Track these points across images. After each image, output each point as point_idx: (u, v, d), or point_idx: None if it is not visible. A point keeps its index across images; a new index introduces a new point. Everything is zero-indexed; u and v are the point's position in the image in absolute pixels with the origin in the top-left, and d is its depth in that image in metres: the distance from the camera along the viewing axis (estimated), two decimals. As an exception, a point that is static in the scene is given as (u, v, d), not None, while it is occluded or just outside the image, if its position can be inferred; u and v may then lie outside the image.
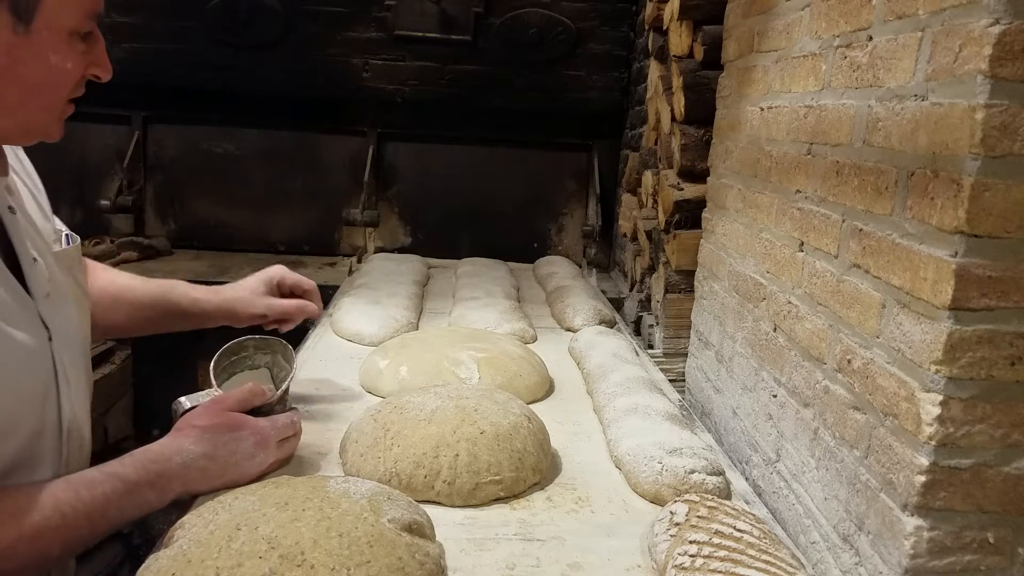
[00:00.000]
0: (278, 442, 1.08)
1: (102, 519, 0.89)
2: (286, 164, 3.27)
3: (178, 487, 0.97)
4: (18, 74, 0.84)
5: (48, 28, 0.83)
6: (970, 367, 0.80)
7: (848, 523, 1.00)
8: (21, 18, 0.81)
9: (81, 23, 0.87)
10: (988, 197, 0.77)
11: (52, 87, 0.88)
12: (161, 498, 0.95)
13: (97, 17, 0.90)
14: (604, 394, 1.43)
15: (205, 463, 0.98)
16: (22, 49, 0.83)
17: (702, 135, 1.88)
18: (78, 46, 0.88)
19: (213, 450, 0.99)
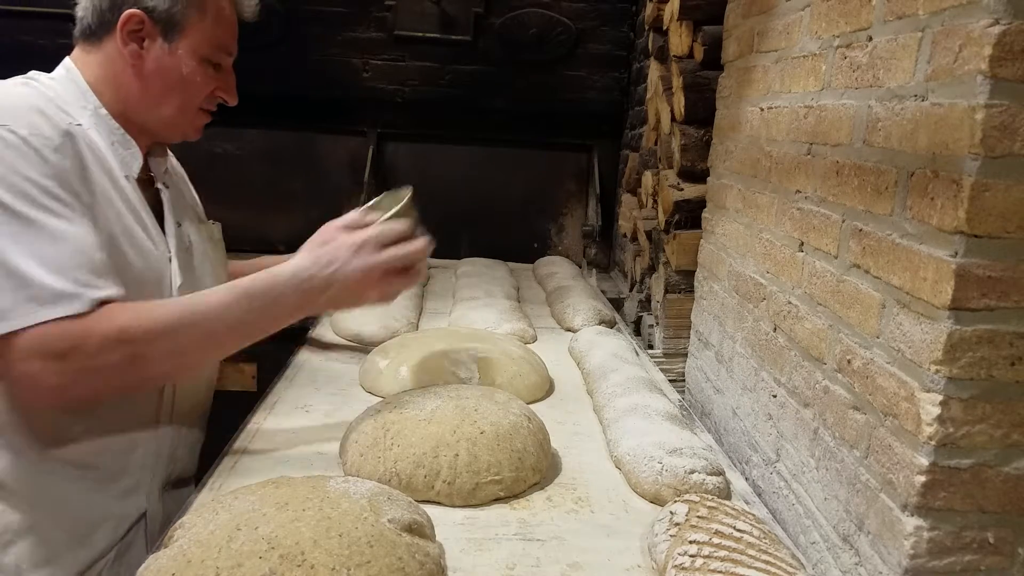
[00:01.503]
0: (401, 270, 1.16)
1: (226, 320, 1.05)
2: (286, 164, 3.27)
3: (293, 297, 1.09)
4: (161, 77, 1.14)
5: (185, 50, 1.14)
6: (970, 367, 0.80)
7: (848, 523, 1.00)
8: (167, 39, 1.13)
9: (211, 54, 1.17)
10: (988, 197, 0.77)
11: (183, 92, 1.17)
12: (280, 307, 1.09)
13: (228, 55, 1.21)
14: (604, 394, 1.43)
15: (311, 271, 1.10)
16: (166, 60, 1.14)
17: (702, 135, 1.88)
18: (208, 70, 1.18)
19: (315, 260, 1.11)
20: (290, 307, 1.10)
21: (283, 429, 1.30)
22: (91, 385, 0.98)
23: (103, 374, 0.98)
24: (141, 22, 1.11)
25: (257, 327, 1.09)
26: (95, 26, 1.14)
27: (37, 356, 0.93)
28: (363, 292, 1.14)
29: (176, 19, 1.12)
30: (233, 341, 1.09)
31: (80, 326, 0.95)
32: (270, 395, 1.46)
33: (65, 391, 0.98)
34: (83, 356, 0.95)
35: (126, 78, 1.13)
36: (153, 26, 1.12)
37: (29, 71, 1.16)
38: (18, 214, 0.95)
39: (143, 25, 1.11)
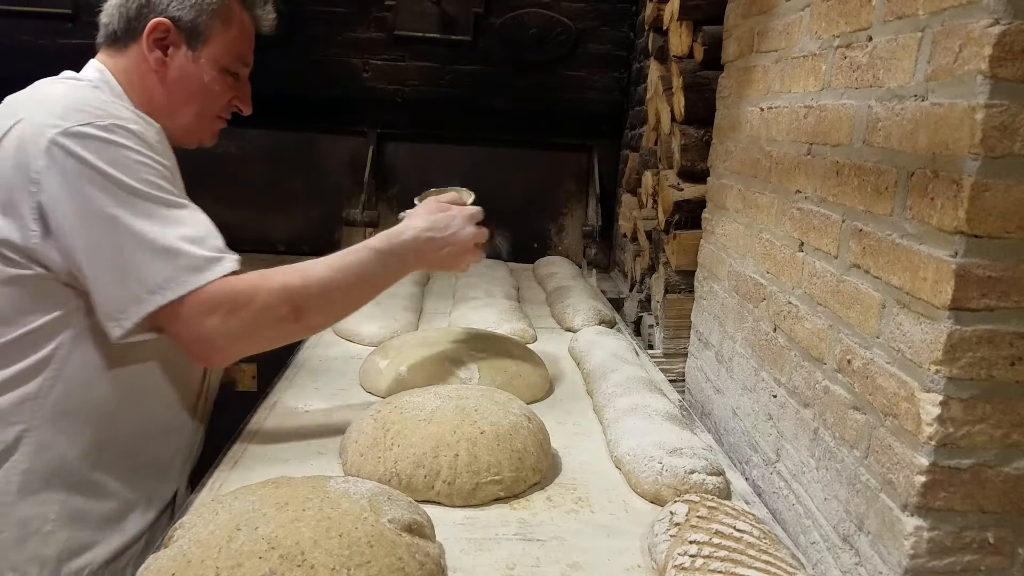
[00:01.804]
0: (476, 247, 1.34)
1: (362, 276, 1.19)
2: (286, 164, 3.27)
3: (412, 253, 1.25)
4: (184, 84, 1.20)
5: (207, 59, 1.20)
6: (970, 367, 0.80)
7: (848, 523, 1.00)
8: (192, 47, 1.19)
9: (230, 64, 1.24)
10: (988, 197, 0.77)
11: (203, 99, 1.23)
12: (402, 264, 1.25)
13: (246, 66, 1.28)
14: (604, 394, 1.43)
15: (430, 233, 1.27)
16: (189, 68, 1.20)
17: (702, 135, 1.88)
18: (227, 79, 1.24)
19: (433, 224, 1.28)
20: (410, 263, 1.26)
21: (283, 429, 1.30)
22: (259, 337, 1.11)
23: (270, 326, 1.10)
24: (167, 30, 1.16)
25: (384, 281, 1.24)
26: (121, 32, 1.18)
27: (213, 313, 1.04)
28: (464, 257, 1.33)
29: (200, 29, 1.18)
30: (367, 294, 1.23)
31: (245, 283, 1.07)
32: (270, 395, 1.46)
33: (238, 344, 1.10)
34: (255, 309, 1.07)
35: (150, 83, 1.19)
36: (178, 34, 1.17)
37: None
38: (147, 194, 1.04)
39: (168, 33, 1.17)
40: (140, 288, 1.02)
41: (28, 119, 1.04)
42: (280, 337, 1.15)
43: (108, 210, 1.02)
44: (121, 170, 1.03)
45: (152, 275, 1.02)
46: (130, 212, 1.03)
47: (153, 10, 1.16)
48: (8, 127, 1.05)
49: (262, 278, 1.10)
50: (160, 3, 1.16)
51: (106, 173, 1.02)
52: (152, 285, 1.02)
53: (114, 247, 1.02)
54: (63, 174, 1.01)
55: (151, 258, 1.02)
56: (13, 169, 1.03)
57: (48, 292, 1.06)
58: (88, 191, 1.02)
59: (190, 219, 1.08)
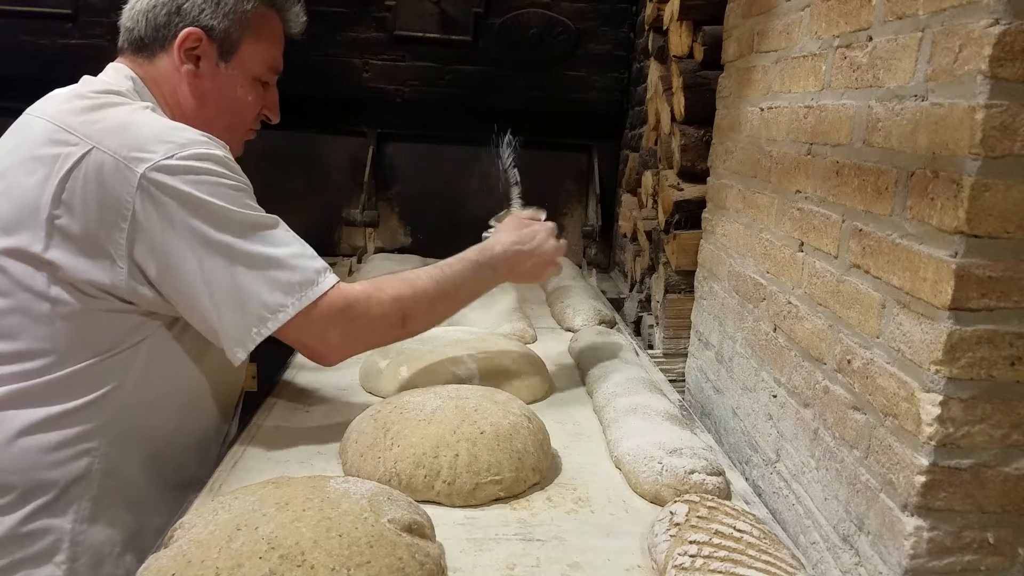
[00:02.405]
0: None
1: (461, 286, 1.28)
2: (286, 164, 3.27)
3: (503, 265, 1.34)
4: (217, 96, 1.19)
5: (239, 69, 1.19)
6: (970, 367, 0.80)
7: (848, 523, 1.00)
8: (223, 58, 1.17)
9: (262, 73, 1.24)
10: (988, 197, 0.77)
11: (236, 111, 1.23)
12: (494, 275, 1.34)
13: (276, 73, 1.27)
14: (604, 394, 1.43)
15: (518, 247, 1.36)
16: (221, 79, 1.18)
17: (702, 135, 1.88)
18: (258, 89, 1.24)
19: (520, 238, 1.38)
20: (501, 274, 1.35)
21: (283, 429, 1.30)
22: (373, 341, 1.20)
23: (383, 332, 1.18)
24: (199, 40, 1.13)
25: (477, 291, 1.33)
26: (148, 39, 1.15)
27: (336, 322, 1.10)
28: (547, 268, 1.41)
29: (233, 39, 1.16)
30: (464, 302, 1.31)
31: (361, 292, 1.14)
32: (270, 395, 1.46)
33: (356, 347, 1.18)
34: (372, 317, 1.14)
35: (182, 95, 1.16)
36: (210, 45, 1.15)
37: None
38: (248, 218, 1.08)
39: (200, 43, 1.14)
40: (263, 309, 1.05)
41: (105, 150, 1.01)
42: (388, 340, 1.26)
43: (216, 238, 1.03)
44: (220, 198, 1.04)
45: (272, 295, 1.06)
46: (238, 238, 1.05)
47: (184, 19, 1.13)
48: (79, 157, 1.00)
49: (376, 289, 1.16)
50: (191, 12, 1.13)
51: (206, 203, 1.03)
52: (274, 305, 1.06)
53: (230, 274, 1.04)
54: (162, 209, 1.00)
55: (268, 279, 1.06)
56: (97, 205, 1.00)
57: (124, 323, 1.06)
58: (193, 224, 1.02)
59: (286, 235, 1.12)
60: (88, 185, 0.99)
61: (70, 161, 1.00)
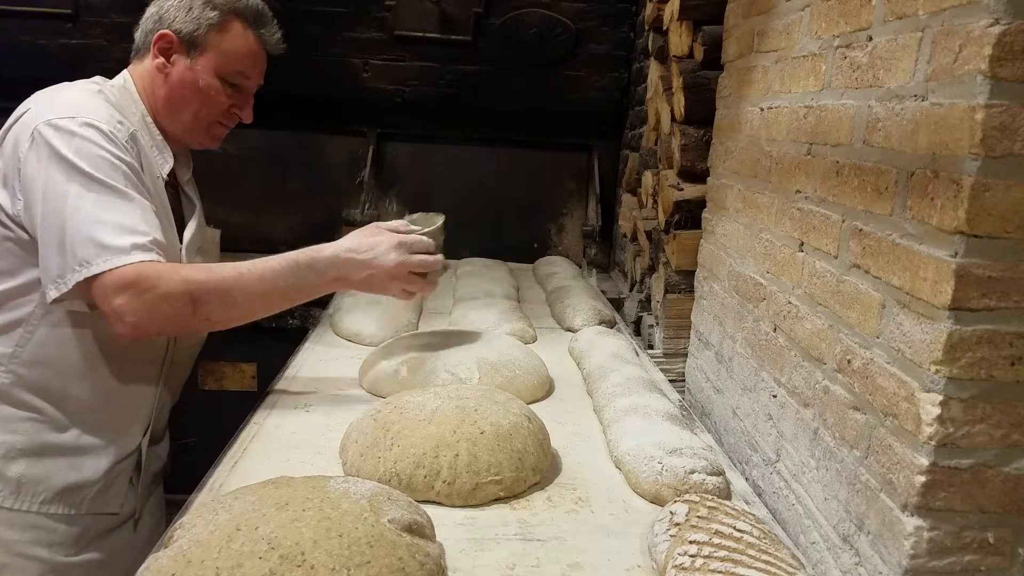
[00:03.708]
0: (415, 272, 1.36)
1: (270, 282, 1.26)
2: (286, 164, 3.27)
3: (331, 270, 1.31)
4: (182, 88, 1.36)
5: (203, 66, 1.36)
6: (970, 367, 0.80)
7: (848, 523, 1.00)
8: (190, 55, 1.36)
9: (229, 74, 1.38)
10: (988, 197, 0.77)
11: (199, 102, 1.37)
12: (320, 278, 1.31)
13: (244, 77, 1.41)
14: (604, 394, 1.43)
15: (351, 255, 1.33)
16: (187, 73, 1.36)
17: (702, 135, 1.88)
18: (224, 87, 1.39)
19: (358, 243, 1.34)
20: (328, 279, 1.32)
21: (283, 429, 1.30)
22: (162, 320, 1.20)
23: (170, 312, 1.19)
24: (170, 41, 1.35)
25: (298, 293, 1.31)
26: (140, 45, 1.39)
27: (123, 292, 1.16)
28: (389, 283, 1.35)
29: (198, 40, 1.35)
30: (277, 301, 1.30)
31: (153, 270, 1.18)
32: (270, 395, 1.46)
33: (144, 323, 1.19)
34: (157, 294, 1.17)
35: (156, 86, 1.37)
36: (180, 44, 1.35)
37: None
38: (100, 181, 1.18)
39: (172, 44, 1.35)
40: (73, 260, 1.16)
41: (34, 110, 1.23)
42: (181, 324, 1.24)
43: (62, 187, 1.17)
44: (82, 157, 1.18)
45: (84, 250, 1.16)
46: (79, 191, 1.17)
47: (162, 24, 1.36)
48: (20, 114, 1.24)
49: (171, 269, 1.20)
50: (167, 19, 1.35)
51: (66, 159, 1.18)
52: (82, 259, 1.16)
53: (60, 220, 1.17)
54: (37, 155, 1.19)
55: (87, 235, 1.16)
56: (12, 147, 1.22)
57: (32, 254, 1.21)
58: (50, 170, 1.18)
59: (129, 210, 1.20)
60: (13, 133, 1.23)
61: (15, 117, 1.24)
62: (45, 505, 1.26)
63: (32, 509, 1.25)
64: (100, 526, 1.32)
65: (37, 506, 1.25)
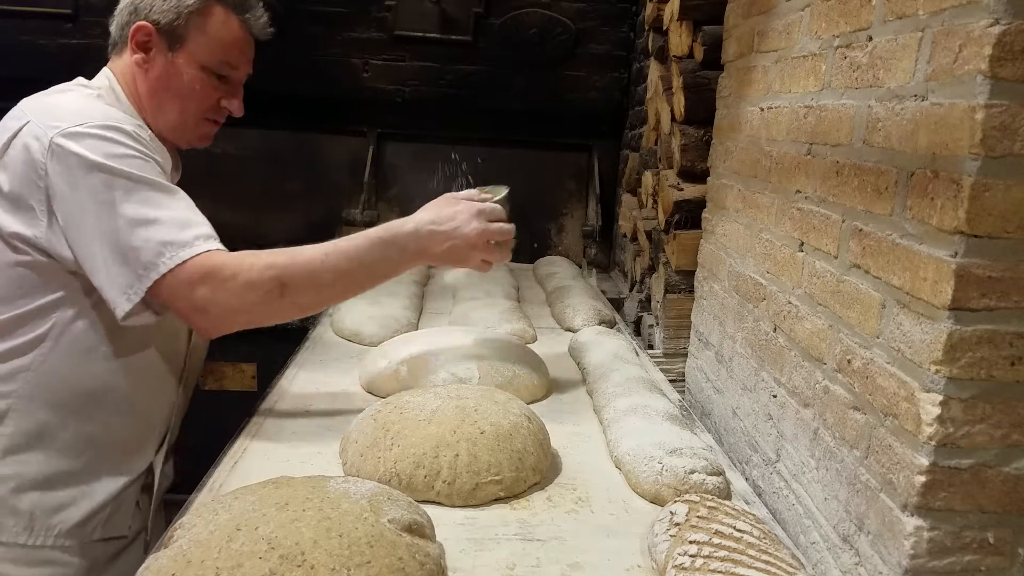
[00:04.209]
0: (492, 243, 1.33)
1: (356, 260, 1.22)
2: (286, 164, 3.27)
3: (413, 244, 1.26)
4: (165, 83, 1.28)
5: (186, 58, 1.27)
6: (970, 367, 0.80)
7: (848, 523, 1.00)
8: (171, 48, 1.26)
9: (214, 65, 1.29)
10: (988, 197, 0.77)
11: (184, 98, 1.29)
12: (402, 254, 1.26)
13: (231, 67, 1.31)
14: (604, 394, 1.43)
15: (432, 226, 1.27)
16: (169, 67, 1.27)
17: (702, 135, 1.88)
18: (210, 80, 1.30)
19: (437, 216, 1.29)
20: (411, 254, 1.27)
21: (283, 429, 1.30)
22: (249, 310, 1.16)
23: (258, 300, 1.14)
24: (149, 33, 1.25)
25: (382, 270, 1.27)
26: (117, 40, 1.29)
27: (202, 284, 1.11)
28: (471, 253, 1.31)
29: (178, 32, 1.26)
30: (363, 280, 1.25)
31: (232, 257, 1.14)
32: (270, 395, 1.46)
33: (230, 315, 1.15)
34: (241, 281, 1.12)
35: (139, 82, 1.28)
36: (159, 37, 1.25)
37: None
38: (141, 180, 1.13)
39: (150, 36, 1.25)
40: (138, 265, 1.10)
41: (35, 122, 1.14)
42: (270, 312, 1.19)
43: (103, 195, 1.11)
44: (115, 160, 1.12)
45: (147, 252, 1.10)
46: (123, 195, 1.11)
47: (138, 15, 1.26)
48: (18, 128, 1.14)
49: (251, 255, 1.16)
50: (143, 9, 1.26)
51: (101, 164, 1.11)
52: (147, 262, 1.10)
53: (112, 228, 1.11)
54: (66, 169, 1.11)
55: (144, 237, 1.11)
56: (23, 166, 1.12)
57: (51, 276, 1.15)
58: (87, 181, 1.11)
59: (178, 204, 1.16)
60: (18, 150, 1.13)
61: (12, 131, 1.15)
62: (60, 538, 1.18)
63: (47, 544, 1.17)
64: (110, 550, 1.25)
65: (52, 540, 1.17)
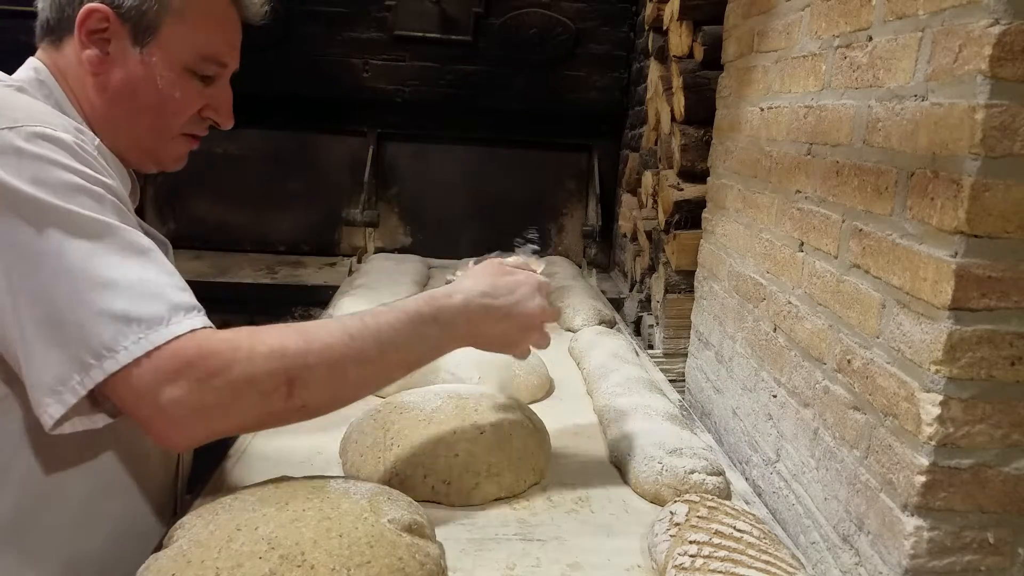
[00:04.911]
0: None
1: (390, 345, 0.89)
2: (286, 164, 3.27)
3: (462, 323, 0.97)
4: (131, 90, 0.90)
5: (160, 56, 0.90)
6: (970, 367, 0.80)
7: (848, 523, 1.00)
8: (138, 42, 0.89)
9: (194, 63, 0.93)
10: (988, 197, 0.77)
11: (159, 111, 0.92)
12: (446, 334, 0.96)
13: (219, 65, 0.95)
14: (604, 394, 1.43)
15: (487, 300, 0.98)
16: (136, 68, 0.90)
17: (702, 135, 1.88)
18: (193, 83, 0.93)
19: (493, 288, 1.00)
20: (458, 335, 0.98)
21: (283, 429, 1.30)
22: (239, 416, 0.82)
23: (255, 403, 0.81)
24: (105, 19, 0.87)
25: (420, 355, 0.95)
26: (54, 22, 0.91)
27: (178, 379, 0.76)
28: (527, 334, 1.04)
29: (149, 19, 0.88)
30: (395, 370, 0.94)
31: (224, 342, 0.79)
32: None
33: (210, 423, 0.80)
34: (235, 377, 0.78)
35: (89, 88, 0.90)
36: (121, 26, 0.88)
37: None
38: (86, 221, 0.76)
39: (108, 24, 0.88)
40: (82, 350, 0.75)
41: None
42: (268, 419, 0.85)
43: (32, 246, 0.75)
44: (48, 191, 0.76)
45: (98, 332, 0.75)
46: (60, 245, 0.75)
47: None
48: None
49: (250, 336, 0.81)
50: None
51: (27, 197, 0.75)
52: (97, 346, 0.75)
53: (44, 296, 0.75)
54: None
55: (94, 308, 0.75)
56: None
57: None
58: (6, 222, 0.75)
59: (146, 259, 0.80)
60: None
61: None
62: None
63: None
64: None
65: None
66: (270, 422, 0.87)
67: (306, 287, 2.84)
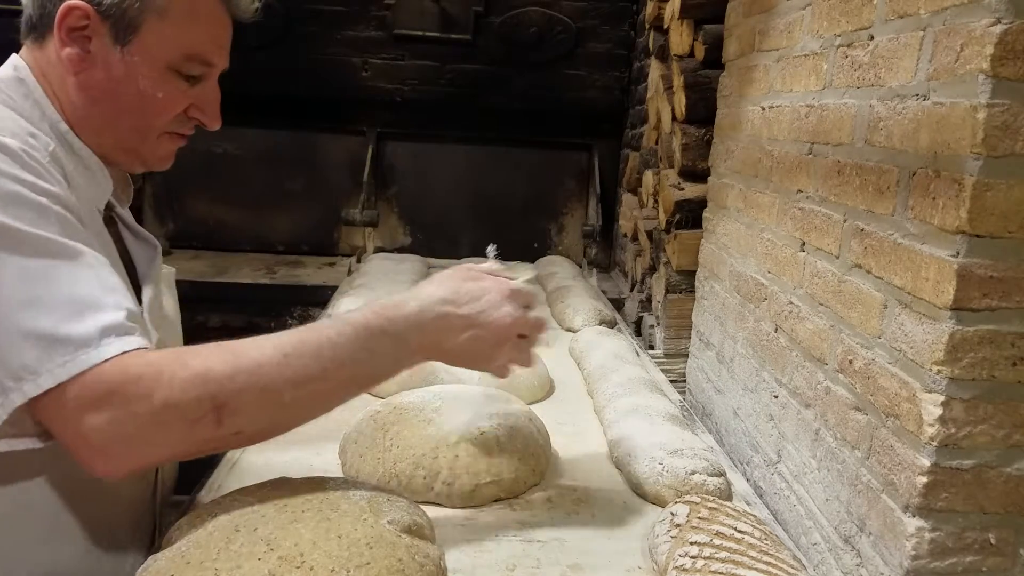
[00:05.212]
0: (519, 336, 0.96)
1: (332, 362, 0.83)
2: (286, 164, 3.27)
3: (415, 334, 0.88)
4: (112, 90, 0.88)
5: (142, 55, 0.87)
6: (972, 367, 0.80)
7: (849, 524, 0.99)
8: (119, 41, 0.86)
9: (177, 62, 0.89)
10: (990, 197, 0.77)
11: (141, 111, 0.90)
12: (400, 346, 0.87)
13: (205, 64, 0.92)
14: (605, 395, 1.42)
15: (447, 308, 0.89)
16: (117, 67, 0.87)
17: (703, 135, 1.88)
18: (176, 82, 0.90)
19: (454, 291, 0.90)
20: (412, 348, 0.89)
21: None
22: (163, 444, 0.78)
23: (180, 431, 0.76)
24: (86, 17, 0.85)
25: (370, 372, 0.88)
26: (36, 19, 0.89)
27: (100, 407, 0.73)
28: (498, 348, 0.94)
29: (131, 16, 0.86)
30: (341, 390, 0.87)
31: (148, 366, 0.75)
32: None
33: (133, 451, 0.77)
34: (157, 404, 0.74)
35: (70, 87, 0.88)
36: (101, 23, 0.86)
37: None
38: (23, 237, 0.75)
39: (88, 21, 0.85)
40: (5, 373, 0.73)
41: None
42: (202, 446, 0.80)
43: None
44: None
45: (22, 353, 0.73)
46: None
47: None
48: None
49: (176, 359, 0.77)
50: None
51: None
52: (18, 368, 0.73)
53: None
54: None
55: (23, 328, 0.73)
56: None
57: None
58: None
59: (79, 274, 0.77)
60: None
61: None
62: None
63: None
64: None
65: None
66: (206, 449, 0.82)
67: (305, 287, 2.84)
